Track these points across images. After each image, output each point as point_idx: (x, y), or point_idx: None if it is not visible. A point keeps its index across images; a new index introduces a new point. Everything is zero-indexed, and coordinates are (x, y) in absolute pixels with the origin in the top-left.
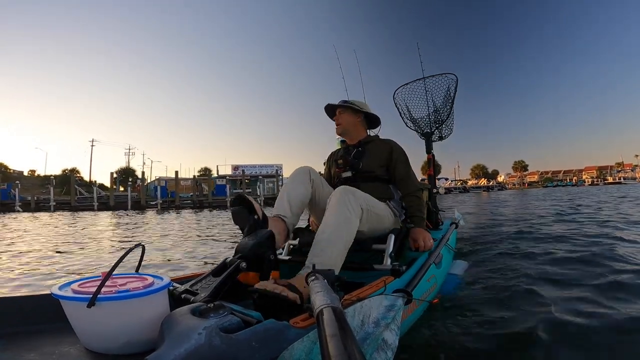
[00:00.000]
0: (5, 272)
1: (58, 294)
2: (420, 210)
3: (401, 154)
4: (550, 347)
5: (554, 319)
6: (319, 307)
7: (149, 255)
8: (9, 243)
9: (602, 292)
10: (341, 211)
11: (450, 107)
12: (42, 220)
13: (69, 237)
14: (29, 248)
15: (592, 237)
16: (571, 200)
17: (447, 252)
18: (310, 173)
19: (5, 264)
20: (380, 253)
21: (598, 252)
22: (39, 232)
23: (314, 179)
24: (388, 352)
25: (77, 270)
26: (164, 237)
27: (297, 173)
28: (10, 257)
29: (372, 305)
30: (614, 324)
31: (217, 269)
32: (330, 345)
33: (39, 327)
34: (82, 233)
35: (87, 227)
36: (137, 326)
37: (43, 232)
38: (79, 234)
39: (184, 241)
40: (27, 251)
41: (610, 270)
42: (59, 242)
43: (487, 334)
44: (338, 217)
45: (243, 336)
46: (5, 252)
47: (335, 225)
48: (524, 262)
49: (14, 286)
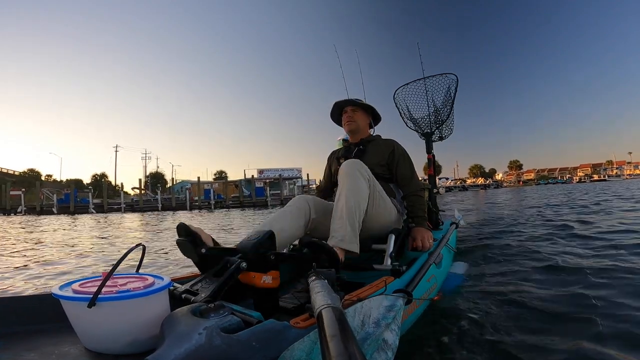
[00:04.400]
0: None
1: (58, 293)
2: (422, 210)
3: (403, 153)
4: (550, 346)
5: (554, 319)
6: (320, 307)
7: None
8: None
9: (601, 291)
10: (351, 179)
11: (451, 107)
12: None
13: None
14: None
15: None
16: (548, 197)
17: (448, 252)
18: (310, 207)
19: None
20: (380, 253)
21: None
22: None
23: (312, 218)
24: (388, 353)
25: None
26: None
27: (294, 209)
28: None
29: (372, 305)
30: (615, 323)
31: (217, 269)
32: (330, 345)
33: (39, 327)
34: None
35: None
36: (137, 326)
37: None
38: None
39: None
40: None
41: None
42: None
43: (487, 333)
44: (350, 185)
45: (243, 336)
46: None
47: (348, 198)
48: (523, 262)
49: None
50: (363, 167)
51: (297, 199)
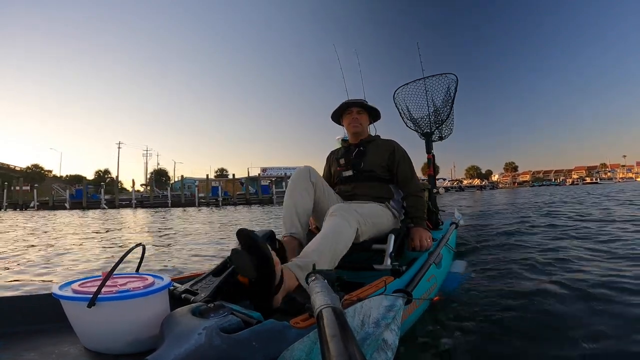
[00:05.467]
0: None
1: (58, 293)
2: (421, 211)
3: (403, 154)
4: (550, 346)
5: (554, 318)
6: (319, 308)
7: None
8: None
9: (600, 290)
10: (335, 223)
11: (450, 107)
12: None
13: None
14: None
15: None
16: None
17: (447, 252)
18: (310, 175)
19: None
20: (380, 253)
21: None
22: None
23: (314, 181)
24: (388, 353)
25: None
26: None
27: (298, 178)
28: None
29: (372, 305)
30: (615, 321)
31: (217, 269)
32: (330, 345)
33: (39, 327)
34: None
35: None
36: (137, 326)
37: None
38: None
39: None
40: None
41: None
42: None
43: (487, 333)
44: (332, 227)
45: (243, 336)
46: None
47: (327, 234)
48: (523, 261)
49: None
50: (351, 216)
51: (299, 173)
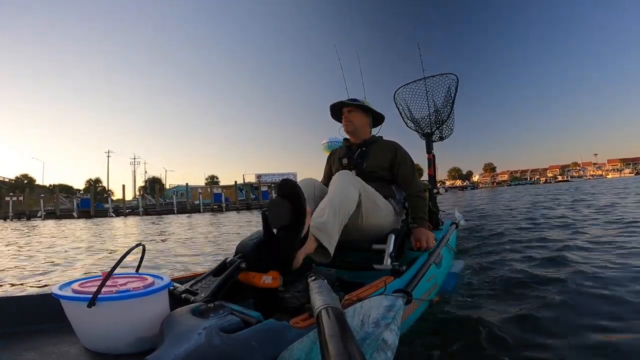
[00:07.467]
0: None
1: (58, 293)
2: (423, 211)
3: (406, 155)
4: (550, 345)
5: (554, 317)
6: (319, 307)
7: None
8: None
9: (600, 290)
10: (341, 183)
11: (451, 107)
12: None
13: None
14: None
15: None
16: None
17: (448, 253)
18: (315, 190)
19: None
20: (380, 253)
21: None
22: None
23: (317, 195)
24: (388, 353)
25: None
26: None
27: (306, 188)
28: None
29: (372, 305)
30: (615, 321)
31: (217, 269)
32: (330, 345)
33: (39, 327)
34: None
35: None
36: (137, 326)
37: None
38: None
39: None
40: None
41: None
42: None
43: (487, 333)
44: (339, 188)
45: (243, 336)
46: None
47: (335, 195)
48: (522, 261)
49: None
50: (355, 177)
51: (304, 185)
